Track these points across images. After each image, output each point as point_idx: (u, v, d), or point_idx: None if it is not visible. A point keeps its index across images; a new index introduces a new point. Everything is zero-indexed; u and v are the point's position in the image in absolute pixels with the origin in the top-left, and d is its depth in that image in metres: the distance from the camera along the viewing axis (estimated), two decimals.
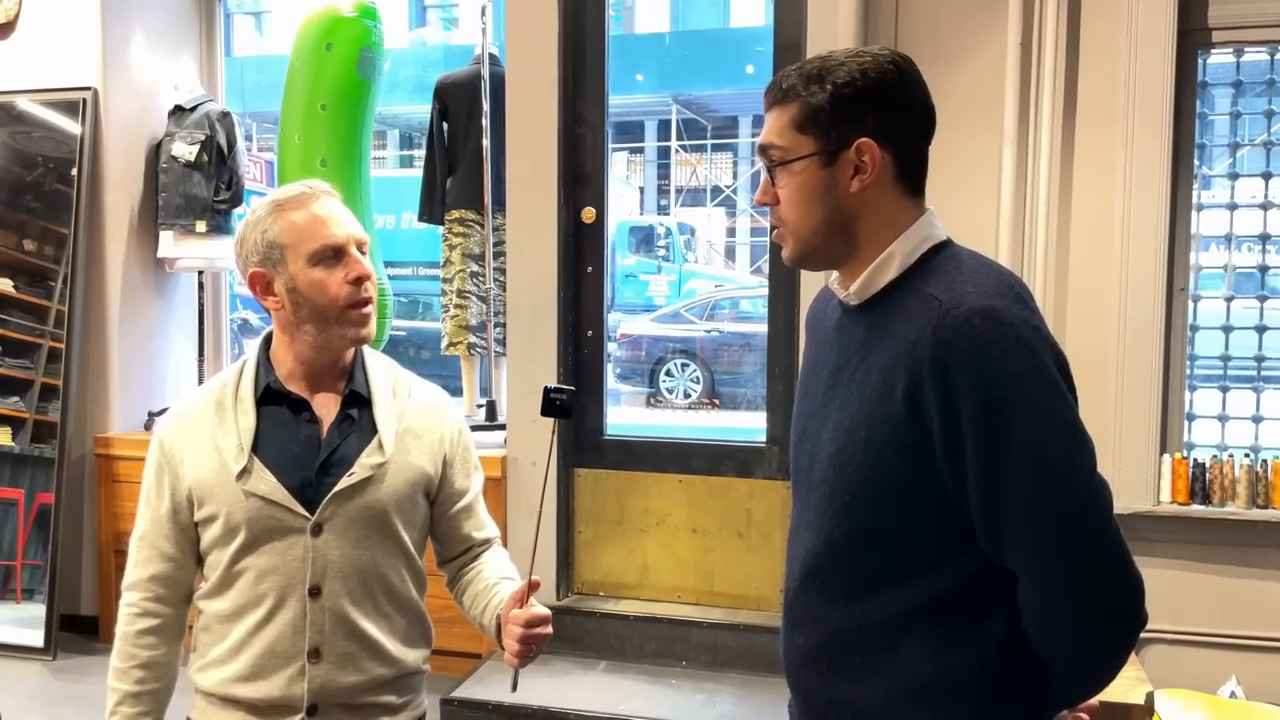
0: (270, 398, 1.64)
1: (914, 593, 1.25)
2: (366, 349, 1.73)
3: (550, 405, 1.60)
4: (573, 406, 1.62)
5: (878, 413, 1.24)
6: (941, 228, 1.34)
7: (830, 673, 1.32)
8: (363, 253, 1.64)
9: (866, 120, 1.28)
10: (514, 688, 1.64)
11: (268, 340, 1.70)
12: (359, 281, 1.61)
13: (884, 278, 1.30)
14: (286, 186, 1.66)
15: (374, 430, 1.65)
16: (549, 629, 1.58)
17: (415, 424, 1.70)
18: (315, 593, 1.59)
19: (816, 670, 1.34)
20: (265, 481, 1.59)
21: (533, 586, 1.58)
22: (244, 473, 1.59)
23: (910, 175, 1.32)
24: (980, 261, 1.29)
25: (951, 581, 1.25)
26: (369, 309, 1.63)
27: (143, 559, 1.65)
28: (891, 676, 1.27)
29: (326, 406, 1.66)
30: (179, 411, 1.69)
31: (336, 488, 1.60)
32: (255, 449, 1.60)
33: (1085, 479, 1.20)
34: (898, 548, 1.26)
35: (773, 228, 1.36)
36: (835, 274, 1.39)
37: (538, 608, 1.58)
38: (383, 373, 1.73)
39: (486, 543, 1.80)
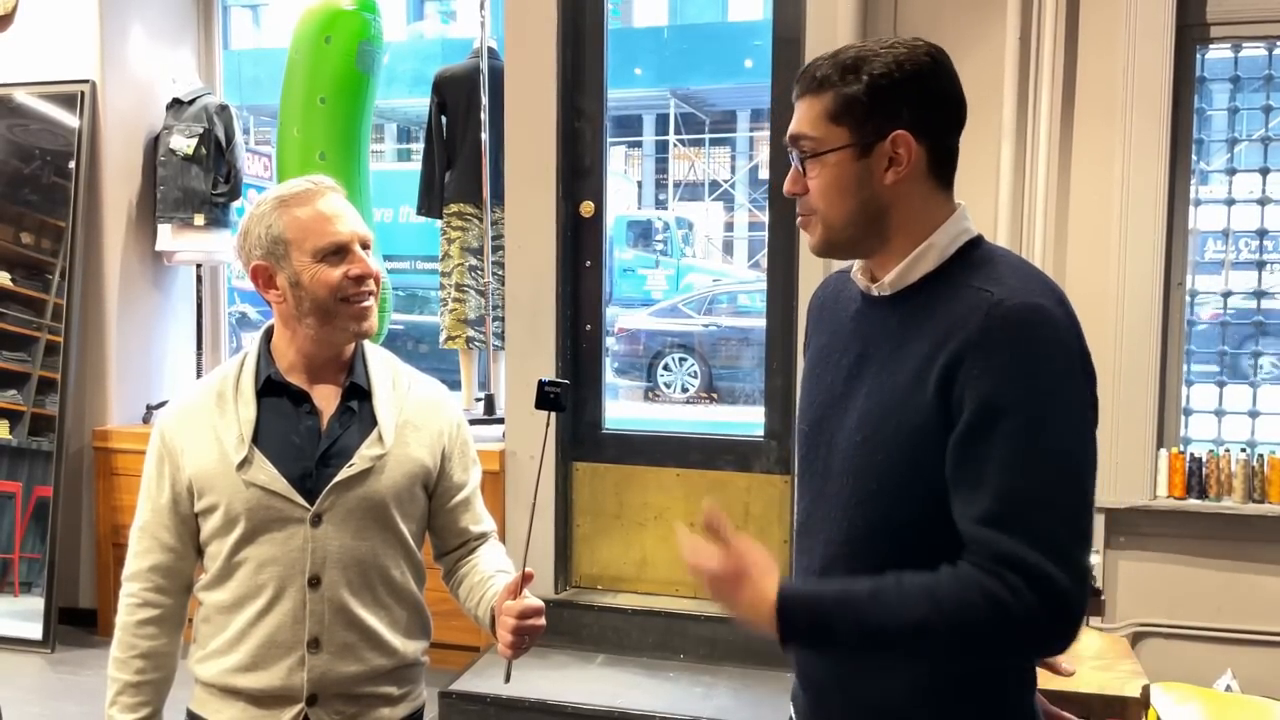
0: (271, 389, 1.65)
1: None
2: (367, 343, 1.74)
3: (544, 398, 1.61)
4: (566, 400, 1.62)
5: (910, 400, 1.24)
6: (973, 224, 1.34)
7: (851, 667, 1.31)
8: (366, 249, 1.65)
9: (902, 112, 1.27)
10: (507, 679, 1.65)
11: (269, 333, 1.71)
12: (361, 279, 1.62)
13: (921, 270, 1.30)
14: (291, 181, 1.67)
15: (374, 422, 1.66)
16: (542, 621, 1.58)
17: (415, 417, 1.71)
18: (315, 583, 1.60)
19: (831, 664, 1.33)
20: (265, 472, 1.59)
21: (526, 579, 1.58)
22: (244, 463, 1.59)
23: (942, 168, 1.31)
24: (1022, 261, 1.31)
25: None
26: (370, 304, 1.65)
27: (143, 549, 1.66)
28: (912, 672, 1.26)
29: (327, 399, 1.67)
30: (180, 403, 1.70)
31: (336, 478, 1.61)
32: (256, 440, 1.61)
33: (1091, 486, 1.22)
34: (922, 539, 1.24)
35: (798, 216, 1.35)
36: (855, 264, 1.39)
37: (531, 599, 1.58)
38: (383, 366, 1.74)
39: (483, 536, 1.81)
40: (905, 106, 1.27)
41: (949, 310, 1.24)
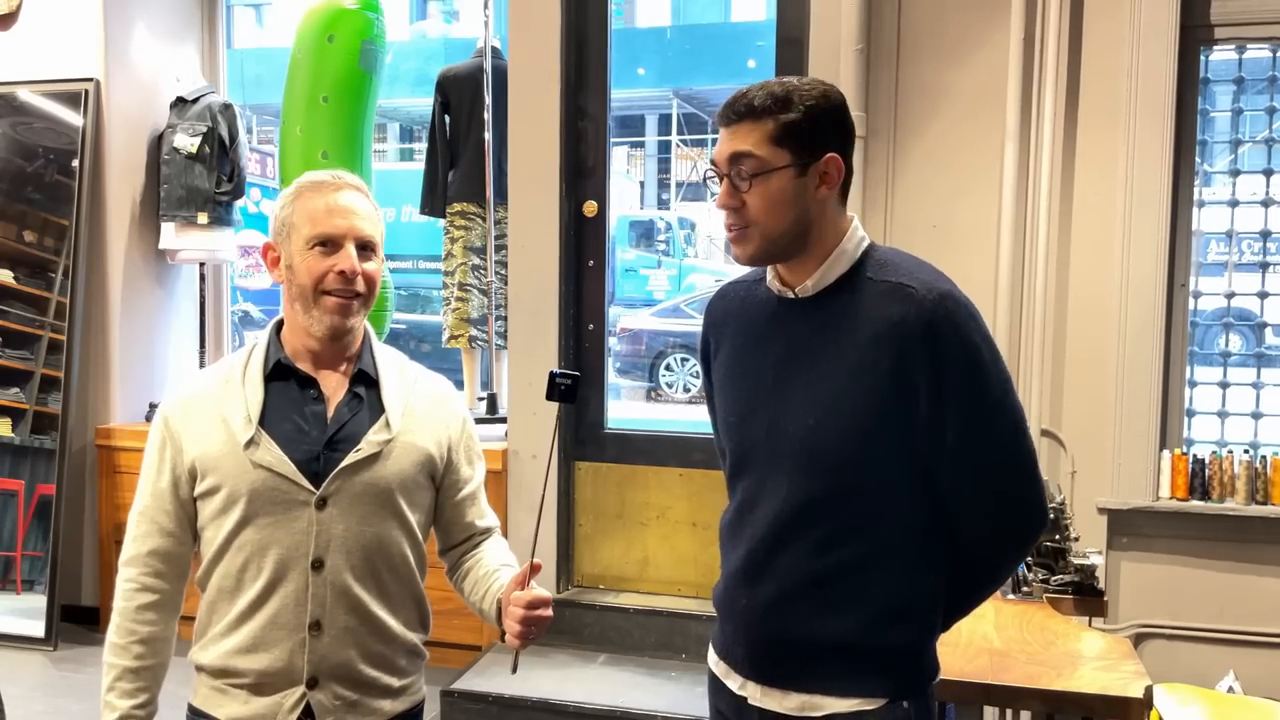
0: (279, 374, 1.67)
1: (879, 540, 1.49)
2: (374, 339, 1.76)
3: (555, 389, 1.64)
4: (577, 391, 1.64)
5: (860, 383, 1.46)
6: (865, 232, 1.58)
7: (806, 612, 1.51)
8: (369, 251, 1.66)
9: (831, 138, 1.49)
10: (514, 669, 1.67)
11: (279, 323, 1.73)
12: (345, 275, 1.63)
13: (836, 272, 1.52)
14: (320, 172, 1.71)
15: (381, 409, 1.68)
16: (549, 611, 1.59)
17: (421, 408, 1.73)
18: (318, 566, 1.61)
19: (788, 613, 1.52)
20: (272, 453, 1.60)
21: (534, 569, 1.60)
22: (251, 443, 1.60)
23: (846, 185, 1.54)
24: (913, 256, 1.55)
25: (909, 529, 1.50)
26: (351, 303, 1.65)
27: (142, 534, 1.66)
28: (865, 604, 1.49)
29: (334, 385, 1.68)
30: (185, 389, 1.71)
31: (343, 463, 1.62)
32: (262, 422, 1.62)
33: (1022, 414, 1.53)
34: (869, 501, 1.48)
35: (729, 228, 1.52)
36: (767, 273, 1.58)
37: (538, 590, 1.59)
38: (390, 358, 1.77)
39: (487, 531, 1.82)
40: (832, 133, 1.49)
41: (876, 304, 1.47)
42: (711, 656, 1.67)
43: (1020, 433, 1.49)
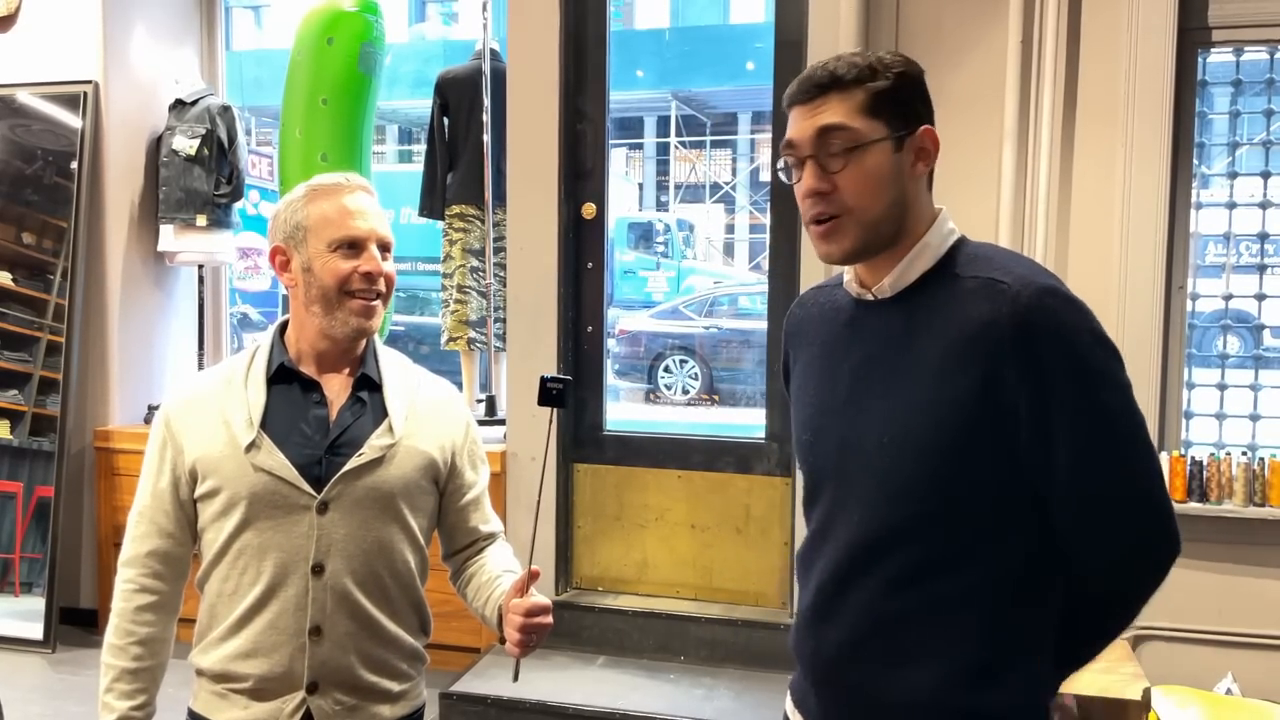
0: (282, 377, 1.67)
1: (968, 577, 1.27)
2: (378, 343, 1.76)
3: (547, 395, 1.64)
4: (569, 396, 1.64)
5: (942, 395, 1.25)
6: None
7: (880, 662, 1.31)
8: (386, 251, 1.68)
9: (921, 109, 1.33)
10: (515, 677, 1.66)
11: (283, 325, 1.73)
12: (370, 276, 1.65)
13: (918, 269, 1.33)
14: (326, 175, 1.72)
15: (384, 413, 1.68)
16: (549, 618, 1.59)
17: (424, 412, 1.73)
18: (318, 570, 1.60)
19: (860, 660, 1.33)
20: (273, 457, 1.60)
21: (533, 576, 1.59)
22: (252, 446, 1.60)
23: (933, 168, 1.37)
24: (1015, 252, 1.36)
25: (1006, 563, 1.27)
26: (375, 304, 1.67)
27: (141, 534, 1.66)
28: (947, 655, 1.28)
29: (337, 389, 1.68)
30: (187, 389, 1.71)
31: (346, 467, 1.62)
32: (264, 425, 1.62)
33: (1145, 426, 1.30)
34: (955, 531, 1.26)
35: (819, 220, 1.31)
36: (845, 274, 1.40)
37: (538, 597, 1.59)
38: (394, 361, 1.77)
39: (491, 536, 1.82)
40: (921, 103, 1.33)
41: (963, 305, 1.27)
42: (789, 704, 1.49)
43: (1146, 453, 1.27)
